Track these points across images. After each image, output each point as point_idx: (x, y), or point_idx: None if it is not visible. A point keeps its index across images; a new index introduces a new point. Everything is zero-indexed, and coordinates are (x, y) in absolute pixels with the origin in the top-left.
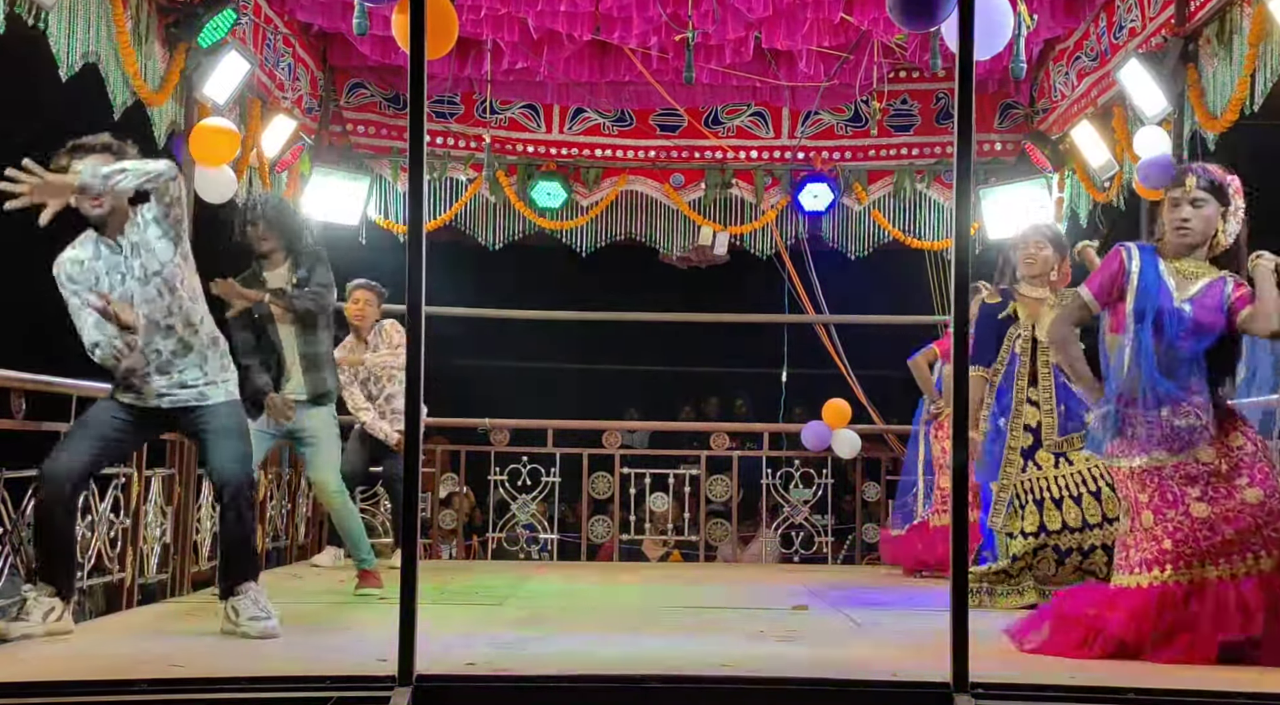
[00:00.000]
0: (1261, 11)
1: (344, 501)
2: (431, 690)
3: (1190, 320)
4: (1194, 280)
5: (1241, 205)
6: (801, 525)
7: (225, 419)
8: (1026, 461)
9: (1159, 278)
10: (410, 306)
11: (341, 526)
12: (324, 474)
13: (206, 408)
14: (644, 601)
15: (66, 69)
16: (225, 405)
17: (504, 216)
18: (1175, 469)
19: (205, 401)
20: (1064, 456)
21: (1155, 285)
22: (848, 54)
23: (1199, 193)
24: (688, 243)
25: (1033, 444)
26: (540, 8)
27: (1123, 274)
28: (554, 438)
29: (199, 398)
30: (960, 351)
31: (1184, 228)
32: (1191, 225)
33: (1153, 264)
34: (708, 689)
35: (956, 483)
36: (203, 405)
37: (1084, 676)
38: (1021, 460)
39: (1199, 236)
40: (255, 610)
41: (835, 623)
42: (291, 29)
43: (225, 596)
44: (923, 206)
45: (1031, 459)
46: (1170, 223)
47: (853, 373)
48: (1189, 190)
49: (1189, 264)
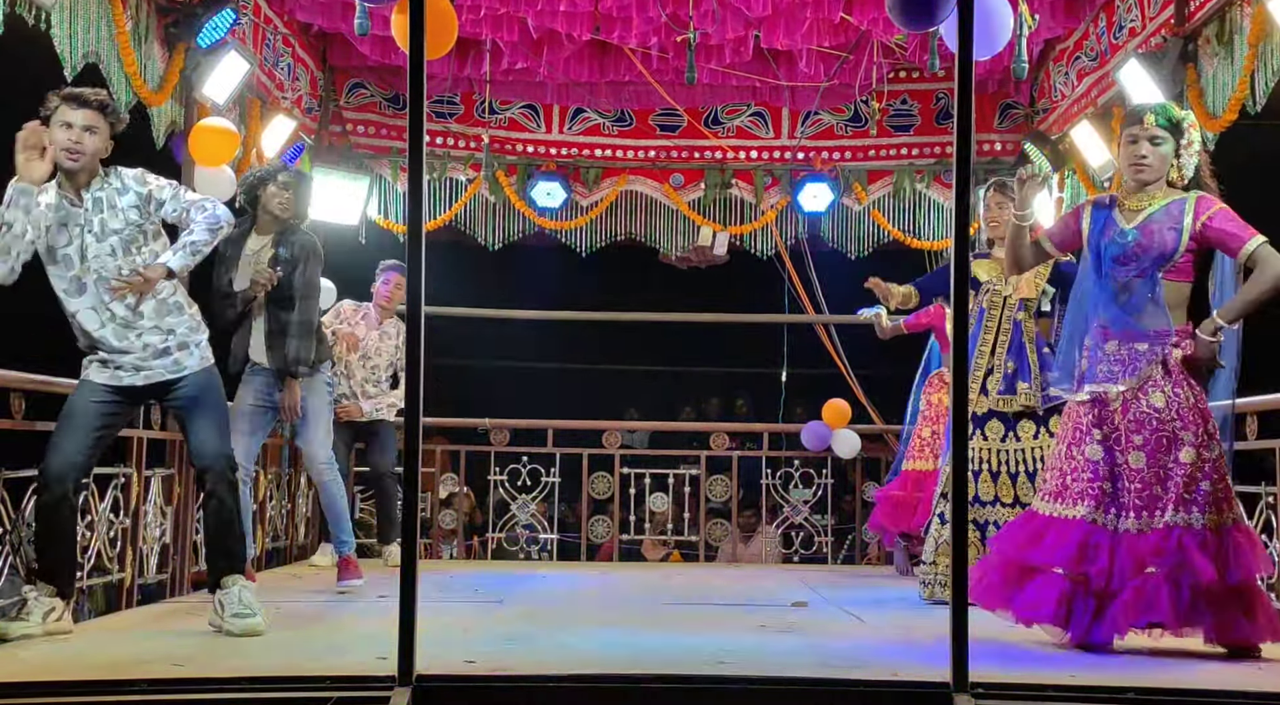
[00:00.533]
0: (1261, 11)
1: (334, 476)
2: (431, 690)
3: (1130, 244)
4: (1145, 210)
5: (1196, 138)
6: (801, 525)
7: (205, 393)
8: (976, 429)
9: (1109, 218)
10: (410, 306)
11: (327, 500)
12: (314, 446)
13: (185, 379)
14: (644, 601)
15: (70, 69)
16: (201, 374)
17: (504, 216)
18: (1091, 405)
19: (181, 371)
20: (1013, 431)
21: (1101, 225)
22: (848, 54)
23: (1157, 131)
24: (688, 243)
25: (985, 413)
26: (540, 8)
27: (1076, 220)
28: (554, 438)
29: (174, 367)
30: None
31: (1140, 164)
32: (1148, 161)
33: (1105, 210)
34: (707, 688)
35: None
36: (180, 376)
37: (1084, 676)
38: (970, 426)
39: (1154, 174)
40: (239, 607)
41: (835, 622)
42: (291, 29)
43: (213, 589)
44: (922, 206)
45: (981, 428)
46: (1127, 159)
47: (853, 373)
48: (1147, 127)
49: (1142, 199)
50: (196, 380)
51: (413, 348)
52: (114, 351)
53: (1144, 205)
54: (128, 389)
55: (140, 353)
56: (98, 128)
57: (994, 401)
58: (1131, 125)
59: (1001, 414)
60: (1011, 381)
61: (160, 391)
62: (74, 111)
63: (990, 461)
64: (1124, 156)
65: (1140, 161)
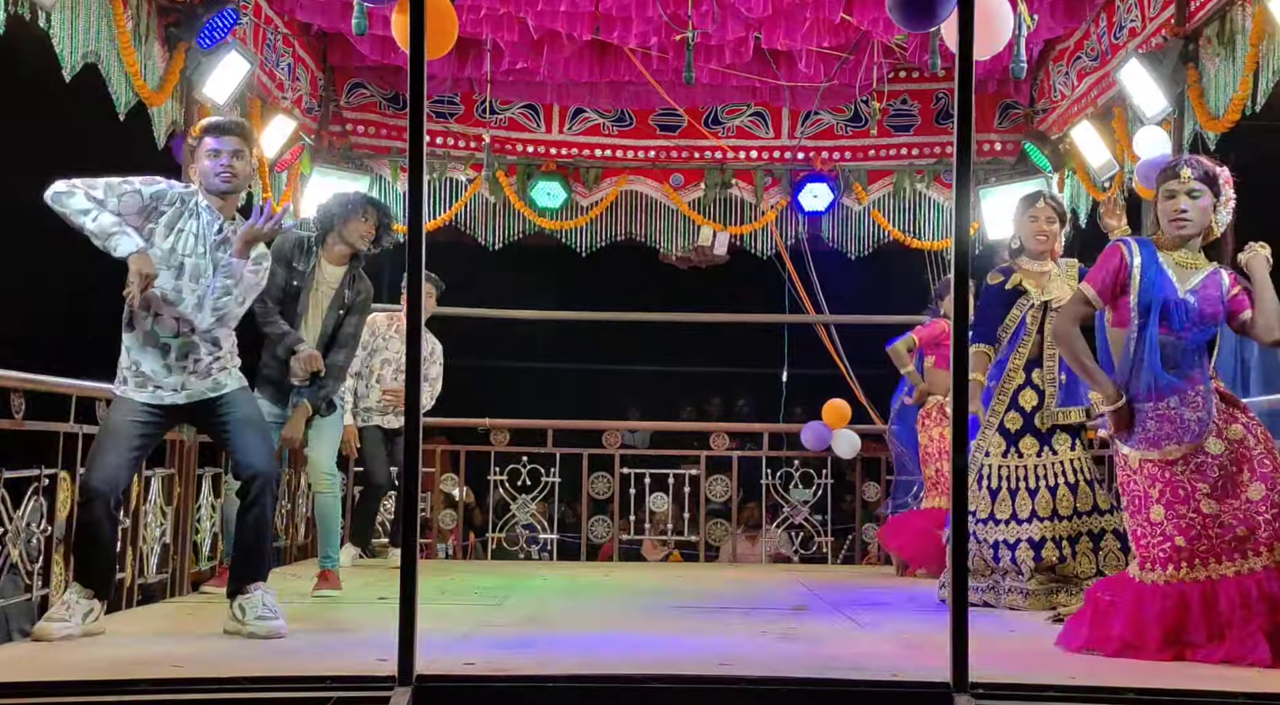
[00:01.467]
0: (1262, 11)
1: (332, 486)
2: (431, 690)
3: (1196, 311)
4: (1193, 271)
5: (1232, 195)
6: (801, 525)
7: (246, 407)
8: (1010, 445)
9: (1161, 270)
10: (410, 307)
11: (321, 513)
12: (320, 454)
13: (225, 397)
14: (644, 601)
15: (69, 69)
16: (241, 393)
17: (504, 216)
18: (1185, 462)
19: (222, 390)
20: (1048, 445)
21: (1158, 278)
22: (848, 54)
23: (1195, 184)
24: (688, 243)
25: (1020, 428)
26: (540, 8)
27: (1124, 269)
28: (554, 438)
29: (215, 387)
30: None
31: (1181, 219)
32: (1189, 216)
33: (1153, 257)
34: (708, 689)
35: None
36: (220, 395)
37: (1084, 676)
38: (1003, 441)
39: (1196, 228)
40: (263, 610)
41: (835, 623)
42: (291, 29)
43: (233, 595)
44: (923, 206)
45: (1015, 445)
46: (1166, 214)
47: (853, 373)
48: (1185, 182)
49: (1186, 255)
50: (235, 398)
51: (413, 347)
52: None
53: (1189, 263)
54: (170, 407)
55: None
56: (244, 153)
57: (1052, 415)
58: (1168, 180)
59: (1035, 429)
60: (1074, 391)
61: (199, 411)
62: (217, 141)
63: (1028, 479)
64: (1163, 212)
65: (1181, 216)
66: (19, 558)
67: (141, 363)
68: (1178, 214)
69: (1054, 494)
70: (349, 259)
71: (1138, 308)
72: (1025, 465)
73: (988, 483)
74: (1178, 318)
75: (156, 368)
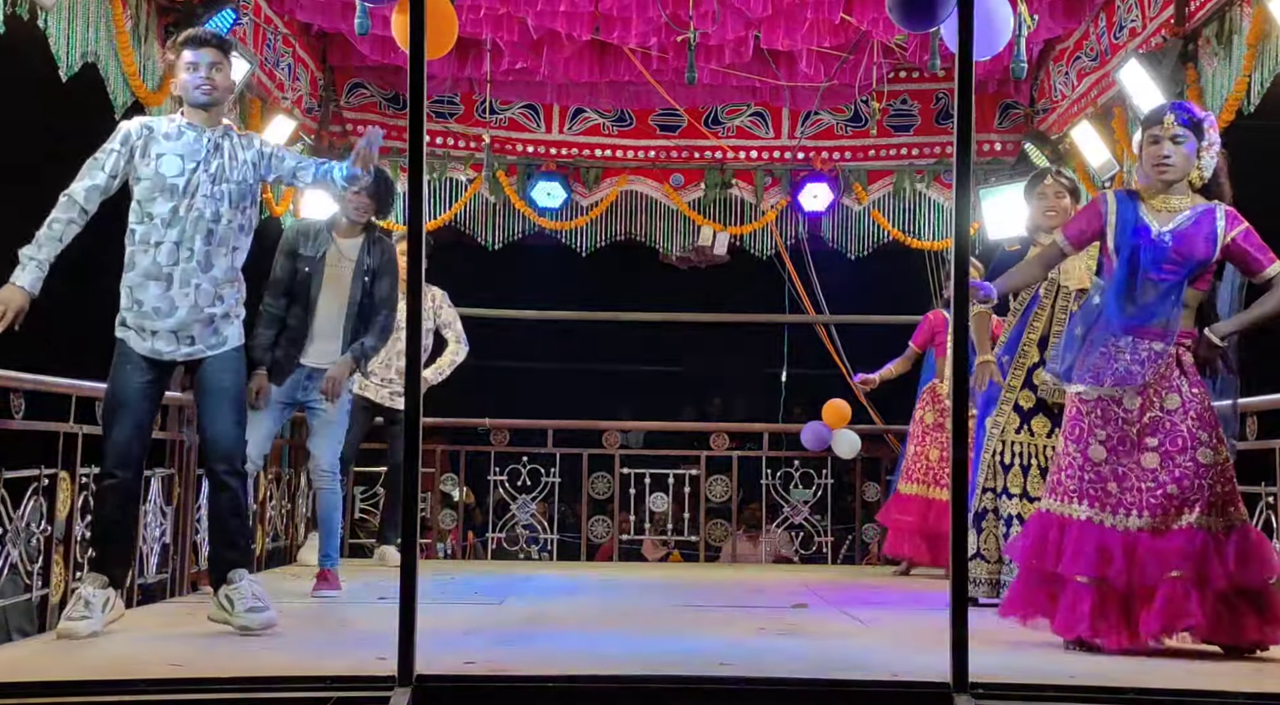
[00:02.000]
0: (1261, 12)
1: (334, 486)
2: (431, 690)
3: (1169, 248)
4: (1176, 213)
5: (1216, 139)
6: (801, 525)
7: (230, 376)
8: (1023, 423)
9: (1137, 216)
10: (410, 307)
11: (321, 511)
12: (322, 450)
13: (217, 357)
14: (644, 601)
15: (66, 69)
16: (234, 356)
17: (504, 216)
18: (1096, 404)
19: (219, 349)
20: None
21: (1132, 222)
22: (848, 54)
23: (1178, 130)
24: (688, 243)
25: (1033, 407)
26: (540, 8)
27: (1098, 217)
28: (554, 438)
29: (215, 342)
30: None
31: (1164, 164)
32: (1172, 161)
33: (1130, 205)
34: (708, 689)
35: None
36: (216, 353)
37: (1084, 676)
38: (1018, 418)
39: (1179, 173)
40: (253, 600)
41: (835, 622)
42: (291, 29)
43: (217, 585)
44: (923, 206)
45: (1028, 423)
46: (1150, 159)
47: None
48: (1168, 127)
49: (1171, 199)
50: (229, 362)
51: (412, 347)
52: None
53: (1171, 206)
54: (168, 364)
55: (184, 316)
56: (222, 65)
57: (1050, 392)
58: (1152, 125)
59: (1048, 410)
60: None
61: (193, 367)
62: (194, 53)
63: (1039, 457)
64: (1146, 157)
65: (1164, 161)
66: (19, 558)
67: (144, 301)
68: (1161, 159)
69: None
70: (362, 230)
71: (1113, 251)
72: (1036, 444)
73: (1001, 457)
74: (1148, 257)
75: (159, 303)
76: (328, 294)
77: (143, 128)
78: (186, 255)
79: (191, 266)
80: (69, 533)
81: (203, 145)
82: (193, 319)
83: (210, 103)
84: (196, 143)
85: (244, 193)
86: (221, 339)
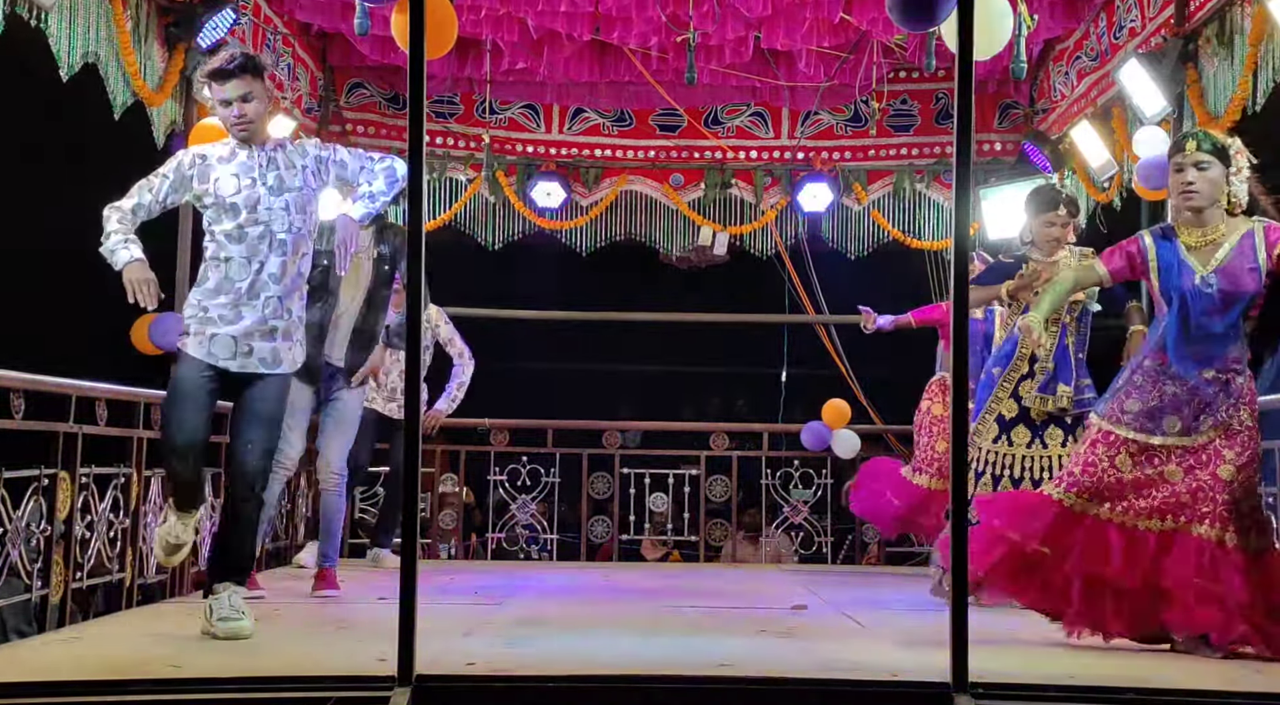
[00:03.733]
0: (1261, 11)
1: (340, 488)
2: (431, 690)
3: (1217, 293)
4: (1217, 247)
5: (1245, 165)
6: (801, 525)
7: (274, 402)
8: (1003, 433)
9: (1178, 260)
10: (410, 307)
11: (325, 513)
12: (332, 452)
13: (269, 378)
14: (644, 601)
15: (67, 69)
16: (283, 380)
17: (504, 216)
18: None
19: (274, 369)
20: (1040, 438)
21: (1175, 268)
22: (848, 54)
23: (1201, 156)
24: (688, 243)
25: (1015, 417)
26: (540, 8)
27: (1141, 258)
28: (554, 438)
29: (271, 361)
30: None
31: (1189, 191)
32: (1197, 188)
33: (1169, 246)
34: (708, 689)
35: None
36: (270, 373)
37: (1084, 676)
38: (997, 428)
39: (1205, 200)
40: (228, 610)
41: (835, 623)
42: (291, 29)
43: (206, 594)
44: (922, 206)
45: (1008, 433)
46: (1175, 187)
47: (853, 373)
48: (1190, 154)
49: (1206, 230)
50: (276, 389)
51: (412, 347)
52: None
53: (1210, 240)
54: (224, 373)
55: (248, 324)
56: (252, 92)
57: (1032, 401)
58: (1175, 154)
59: (1030, 421)
60: (1051, 382)
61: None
62: (223, 88)
63: (1013, 468)
64: (1172, 186)
65: (1188, 189)
66: (19, 558)
67: (210, 308)
68: (1185, 186)
69: (1036, 488)
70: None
71: (1161, 296)
72: (1014, 454)
73: (974, 464)
74: (1197, 307)
75: (225, 312)
76: (347, 284)
77: (195, 157)
78: (257, 269)
79: (263, 279)
80: (69, 533)
81: (255, 162)
82: (256, 328)
83: (249, 137)
84: (250, 160)
85: (305, 200)
86: (277, 361)
